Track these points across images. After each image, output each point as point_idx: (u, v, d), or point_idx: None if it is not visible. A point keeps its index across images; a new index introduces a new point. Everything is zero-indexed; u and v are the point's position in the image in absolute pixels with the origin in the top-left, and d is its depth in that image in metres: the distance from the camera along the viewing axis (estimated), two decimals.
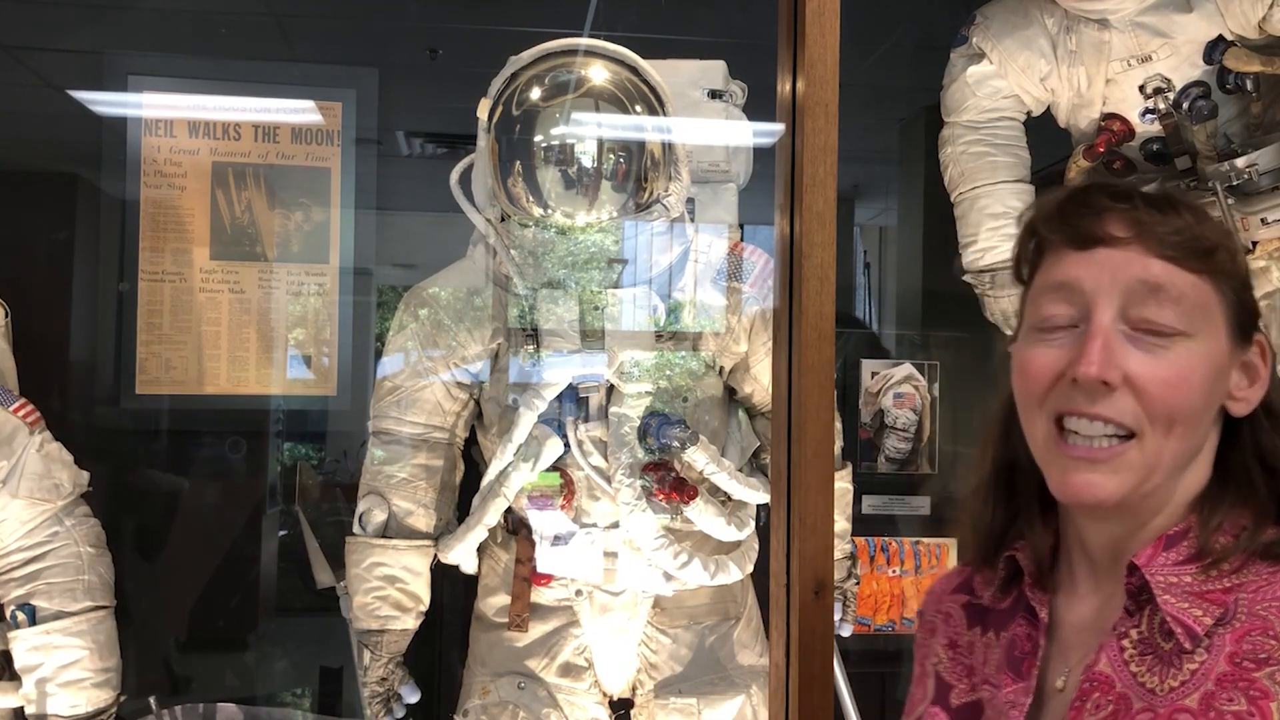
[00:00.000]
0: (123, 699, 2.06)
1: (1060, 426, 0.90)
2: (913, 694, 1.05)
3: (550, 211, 1.93)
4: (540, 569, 2.03)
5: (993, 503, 1.01)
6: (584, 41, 1.99)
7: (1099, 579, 0.95)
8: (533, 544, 2.03)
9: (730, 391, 2.14)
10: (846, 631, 2.28)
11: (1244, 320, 0.92)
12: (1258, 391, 0.93)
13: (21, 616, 1.95)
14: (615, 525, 1.99)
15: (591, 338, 1.97)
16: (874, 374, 2.84)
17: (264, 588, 2.66)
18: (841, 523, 2.21)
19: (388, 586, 2.04)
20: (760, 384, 2.10)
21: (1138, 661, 0.87)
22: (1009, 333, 2.43)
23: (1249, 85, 2.21)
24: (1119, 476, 0.88)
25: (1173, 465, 0.89)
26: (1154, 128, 2.32)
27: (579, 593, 2.02)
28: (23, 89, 2.79)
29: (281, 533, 2.68)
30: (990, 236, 2.37)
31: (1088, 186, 0.96)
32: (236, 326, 2.60)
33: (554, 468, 2.00)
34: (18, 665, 1.97)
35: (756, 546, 2.10)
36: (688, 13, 2.69)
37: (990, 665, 0.98)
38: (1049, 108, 2.44)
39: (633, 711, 2.04)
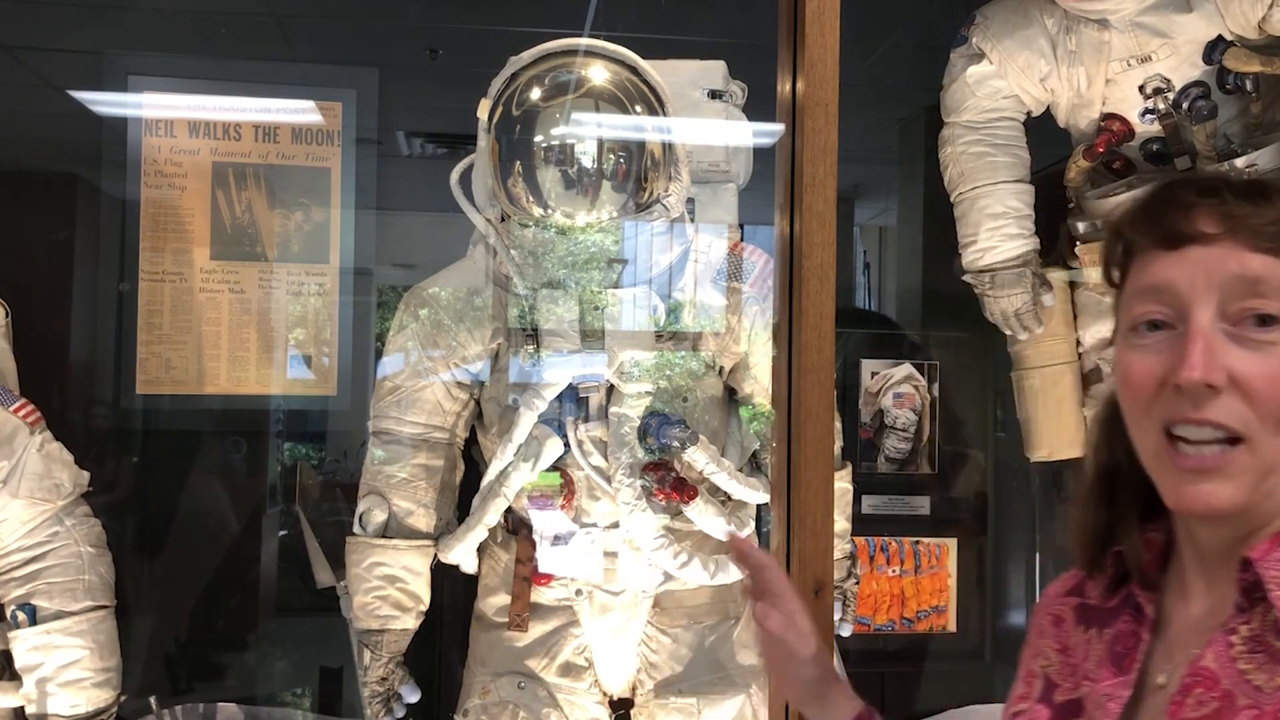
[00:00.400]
0: (123, 699, 2.06)
1: (1169, 435, 0.87)
2: (1014, 693, 1.05)
3: (550, 211, 1.93)
4: (540, 569, 2.03)
5: (1095, 507, 1.00)
6: (584, 41, 1.99)
7: (1212, 579, 0.92)
8: (533, 544, 2.03)
9: (730, 391, 2.15)
10: (846, 631, 2.28)
11: None
12: None
13: (22, 616, 1.95)
14: (615, 525, 1.99)
15: (591, 338, 1.97)
16: (874, 374, 2.84)
17: (264, 588, 2.66)
18: (841, 523, 2.21)
19: (388, 586, 2.04)
20: (760, 384, 2.10)
21: (1246, 659, 0.84)
22: (1008, 333, 2.44)
23: (1249, 85, 2.21)
24: (1233, 484, 0.85)
25: None
26: (1154, 128, 2.32)
27: (579, 592, 2.02)
28: (23, 89, 2.79)
29: (281, 533, 2.68)
30: (990, 236, 2.37)
31: (1173, 183, 0.93)
32: (237, 326, 2.60)
33: (554, 468, 2.00)
34: (18, 665, 1.97)
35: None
36: (688, 13, 2.69)
37: (1091, 661, 0.97)
38: (1049, 108, 2.44)
39: (633, 711, 2.04)
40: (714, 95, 2.17)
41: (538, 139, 1.91)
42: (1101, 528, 0.99)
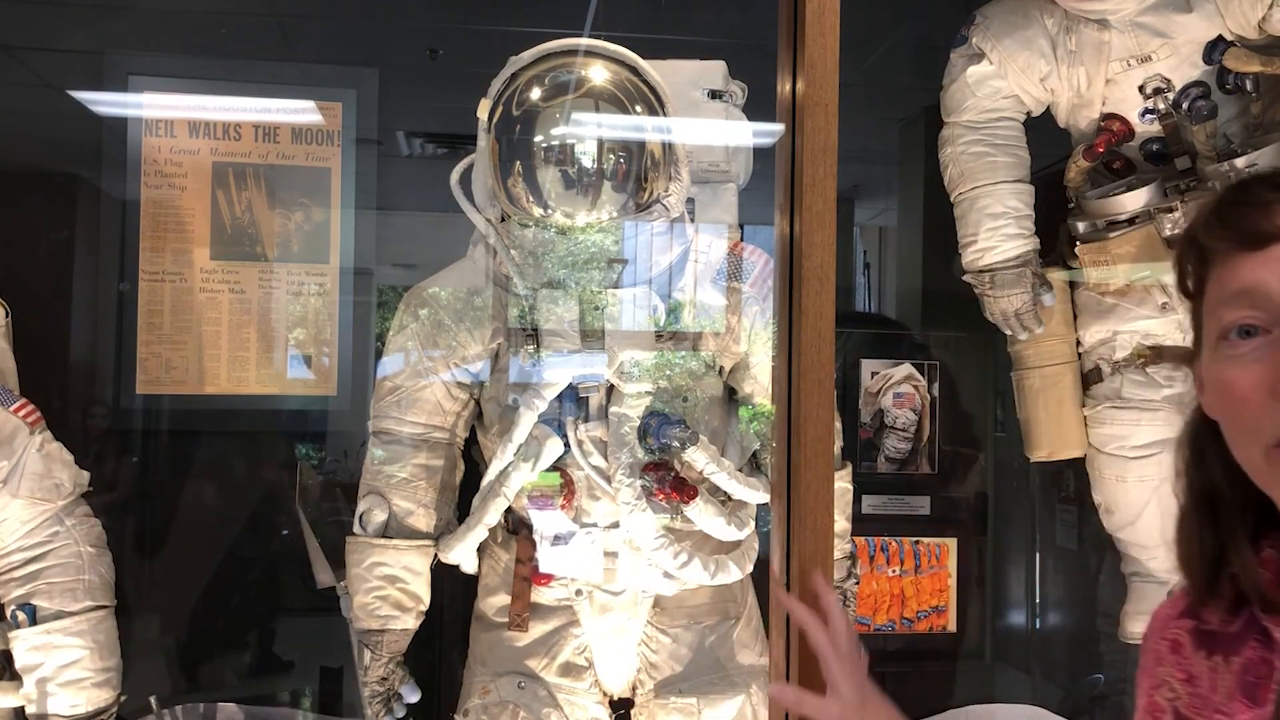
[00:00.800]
0: (123, 699, 2.06)
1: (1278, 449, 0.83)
2: None
3: (550, 211, 1.93)
4: (541, 569, 2.03)
5: (1199, 533, 0.95)
6: (584, 42, 1.99)
7: None
8: (533, 544, 2.03)
9: (730, 391, 2.15)
10: None
11: None
12: None
13: (22, 616, 1.95)
14: (615, 525, 1.99)
15: (591, 338, 1.97)
16: (874, 374, 2.84)
17: (264, 588, 2.66)
18: (841, 523, 2.21)
19: (388, 586, 2.04)
20: (760, 384, 2.10)
21: None
22: (1008, 333, 2.44)
23: (1249, 85, 2.21)
24: None
25: None
26: (1154, 128, 2.32)
27: (579, 592, 2.02)
28: (23, 89, 2.79)
29: (282, 533, 2.68)
30: (990, 236, 2.37)
31: (1244, 183, 0.90)
32: (237, 326, 2.60)
33: (554, 467, 2.00)
34: (18, 665, 1.97)
35: (756, 546, 2.10)
36: (688, 13, 2.69)
37: (1221, 693, 0.92)
38: (1049, 108, 2.44)
39: (633, 711, 2.04)
40: (714, 95, 2.17)
41: (538, 139, 1.91)
42: (1210, 552, 0.94)
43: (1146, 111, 2.30)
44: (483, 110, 1.97)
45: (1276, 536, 0.91)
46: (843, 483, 2.21)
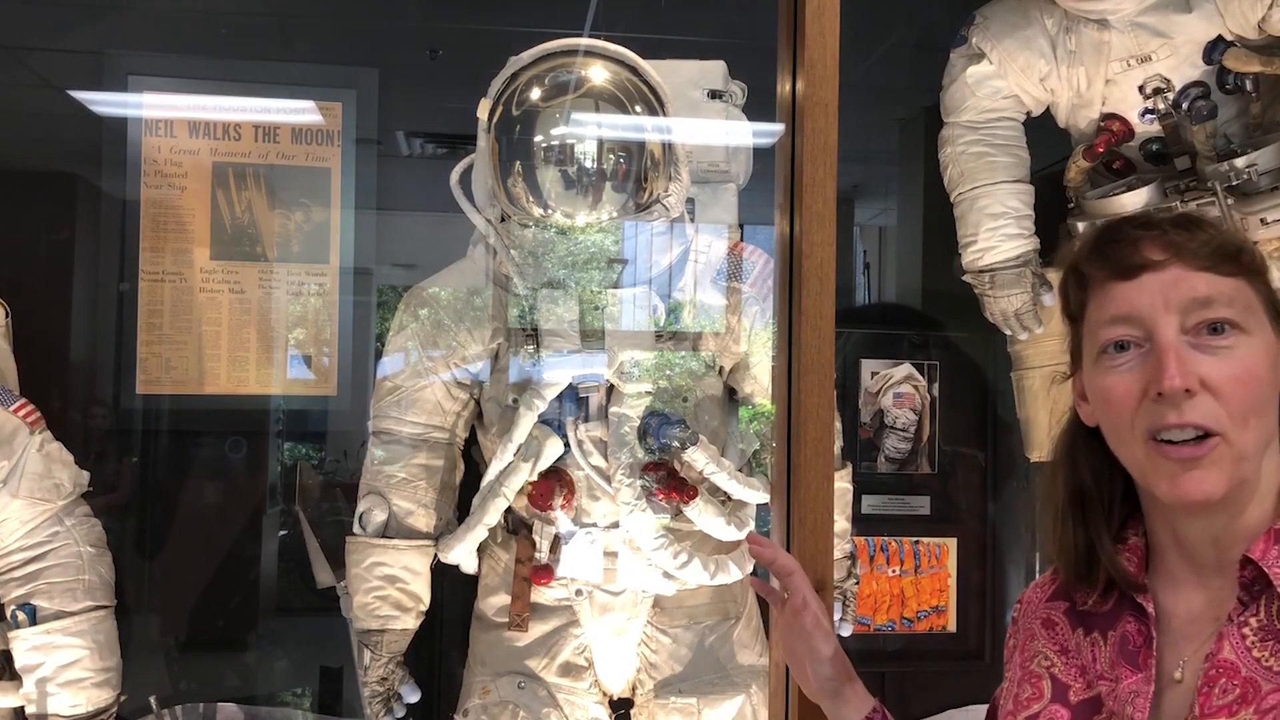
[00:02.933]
0: (123, 699, 2.06)
1: (1154, 440, 0.97)
2: (1016, 694, 1.10)
3: (550, 211, 1.93)
4: (551, 568, 2.03)
5: (1074, 528, 1.08)
6: (584, 41, 1.99)
7: (1202, 573, 1.01)
8: (533, 544, 2.03)
9: (730, 391, 2.15)
10: (846, 631, 2.28)
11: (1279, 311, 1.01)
12: None
13: (22, 616, 1.95)
14: (615, 525, 1.99)
15: (591, 338, 1.97)
16: (874, 374, 2.84)
17: (264, 588, 2.66)
18: (841, 523, 2.21)
19: (388, 586, 2.04)
20: (760, 384, 2.10)
21: (1260, 647, 0.93)
22: (1008, 333, 2.44)
23: (1248, 85, 2.21)
24: (1217, 470, 0.95)
25: (1256, 455, 0.97)
26: (1153, 128, 2.32)
27: (579, 592, 2.02)
28: (23, 89, 2.79)
29: (281, 533, 2.68)
30: (990, 236, 2.37)
31: (1115, 222, 1.06)
32: (237, 326, 2.60)
33: (554, 468, 2.00)
34: (18, 665, 1.97)
35: None
36: (688, 13, 2.69)
37: (1103, 662, 1.04)
38: (1049, 108, 2.44)
39: (633, 711, 2.04)
40: (714, 95, 2.17)
41: (538, 139, 1.92)
42: (1081, 544, 1.07)
43: (1146, 111, 2.30)
44: (483, 110, 1.98)
45: (1138, 525, 1.07)
46: (843, 483, 2.22)
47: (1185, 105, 2.25)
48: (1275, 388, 0.98)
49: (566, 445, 1.99)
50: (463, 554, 2.07)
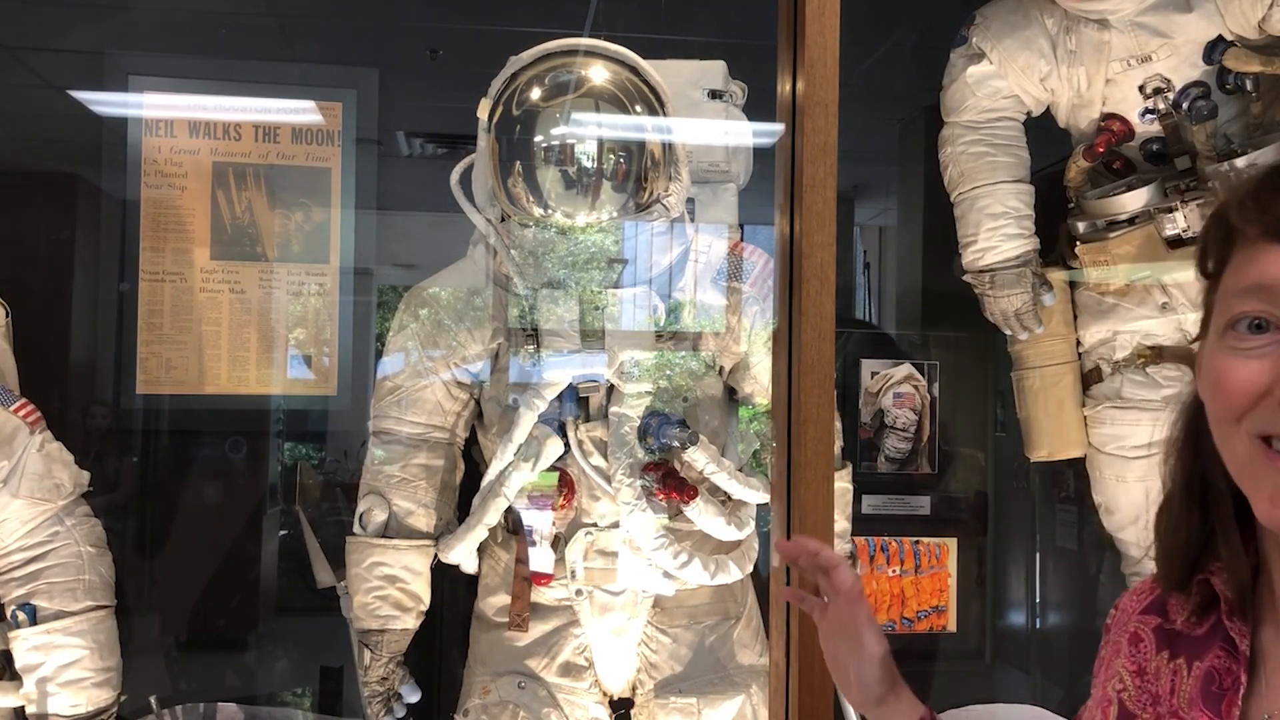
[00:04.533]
0: (123, 698, 2.06)
1: (1265, 442, 0.79)
2: (1091, 716, 0.98)
3: (550, 211, 1.93)
4: (536, 568, 2.03)
5: (1184, 520, 0.90)
6: (584, 41, 1.99)
7: None
8: (532, 544, 2.03)
9: (730, 391, 2.15)
10: None
11: None
12: None
13: (22, 616, 1.95)
14: (615, 525, 1.99)
15: (591, 338, 1.97)
16: (874, 374, 2.84)
17: (264, 588, 2.66)
18: (841, 522, 2.21)
19: (388, 586, 2.04)
20: (760, 384, 2.10)
21: None
22: (1008, 333, 2.44)
23: (1249, 85, 2.21)
24: None
25: None
26: (1154, 128, 2.32)
27: (579, 592, 2.02)
28: (23, 89, 2.79)
29: (281, 533, 2.69)
30: (990, 236, 2.37)
31: None
32: (237, 326, 2.60)
33: (554, 468, 2.00)
34: (18, 665, 1.97)
35: (756, 546, 2.10)
36: (688, 13, 2.69)
37: (1180, 697, 0.88)
38: (1049, 108, 2.44)
39: (633, 711, 2.04)
40: (714, 95, 2.17)
41: (538, 139, 1.92)
42: (1195, 539, 0.90)
43: (1146, 111, 2.30)
44: (483, 110, 1.97)
45: (1248, 540, 0.88)
46: (843, 483, 2.21)
47: (1185, 105, 2.25)
48: None
49: (566, 445, 1.99)
50: (463, 554, 2.07)
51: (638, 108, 1.95)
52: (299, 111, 2.64)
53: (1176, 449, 0.92)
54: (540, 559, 2.02)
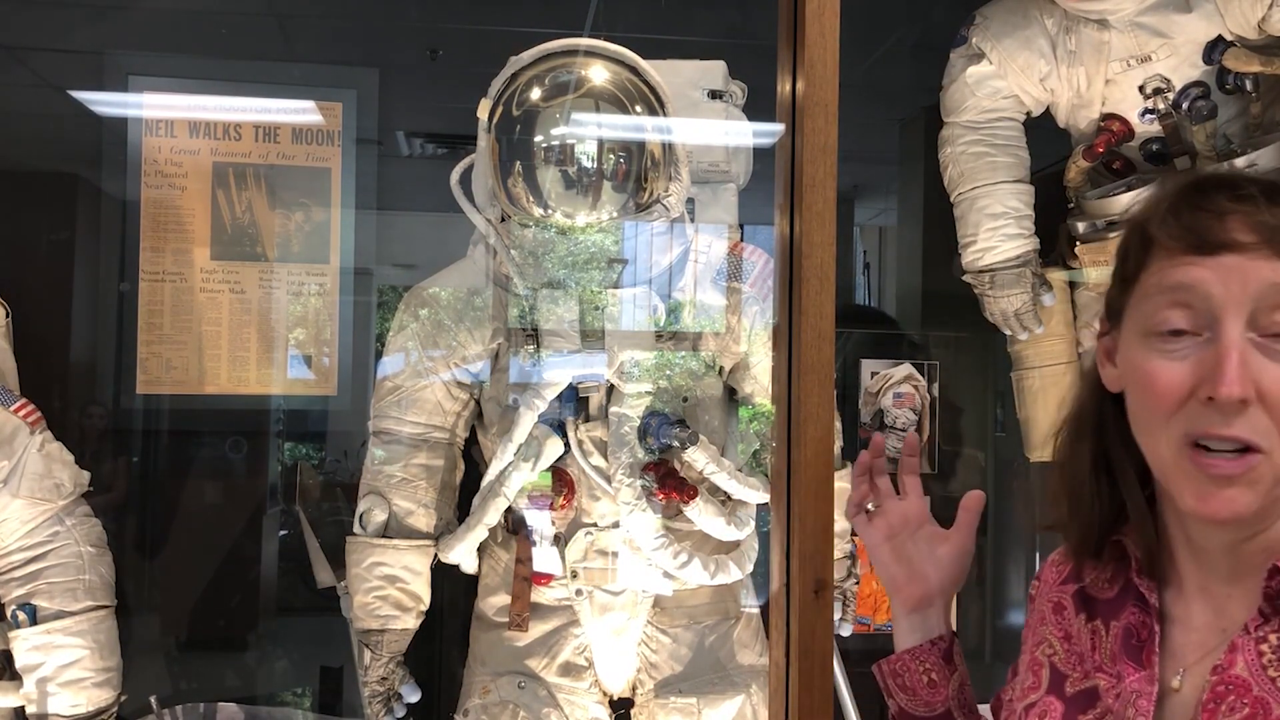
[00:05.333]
0: (123, 698, 2.06)
1: (1191, 445, 0.87)
2: (1021, 680, 1.05)
3: (550, 211, 1.93)
4: (537, 568, 2.03)
5: (1095, 496, 0.98)
6: (584, 42, 1.99)
7: (1208, 579, 0.93)
8: (533, 544, 2.03)
9: (730, 391, 2.15)
10: (846, 631, 2.28)
11: None
12: None
13: (22, 616, 1.95)
14: (615, 525, 1.99)
15: (591, 338, 1.97)
16: (874, 374, 2.84)
17: (264, 588, 2.66)
18: (841, 522, 2.21)
19: (388, 586, 2.04)
20: (760, 384, 2.10)
21: (1276, 666, 0.85)
22: (1008, 333, 2.44)
23: (1248, 85, 2.21)
24: (1253, 490, 0.85)
25: None
26: (1153, 128, 2.32)
27: (579, 592, 2.02)
28: (23, 89, 2.79)
29: (281, 533, 2.68)
30: (990, 236, 2.37)
31: (1202, 182, 0.90)
32: (237, 326, 2.60)
33: (554, 467, 2.00)
34: (18, 665, 1.97)
35: (756, 546, 2.10)
36: (688, 13, 2.70)
37: (1103, 653, 0.97)
38: (1048, 108, 2.44)
39: (633, 711, 2.04)
40: (714, 95, 2.17)
41: (538, 139, 1.92)
42: (1103, 516, 0.99)
43: (1146, 111, 2.30)
44: (483, 110, 1.98)
45: (1152, 510, 0.97)
46: (843, 483, 2.21)
47: (1185, 105, 2.25)
48: None
49: (566, 445, 1.99)
50: (463, 554, 2.07)
51: (638, 108, 1.95)
52: (299, 111, 2.64)
53: (1084, 433, 1.00)
54: (543, 559, 2.02)
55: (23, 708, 1.98)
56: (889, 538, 1.27)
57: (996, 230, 2.37)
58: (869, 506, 1.29)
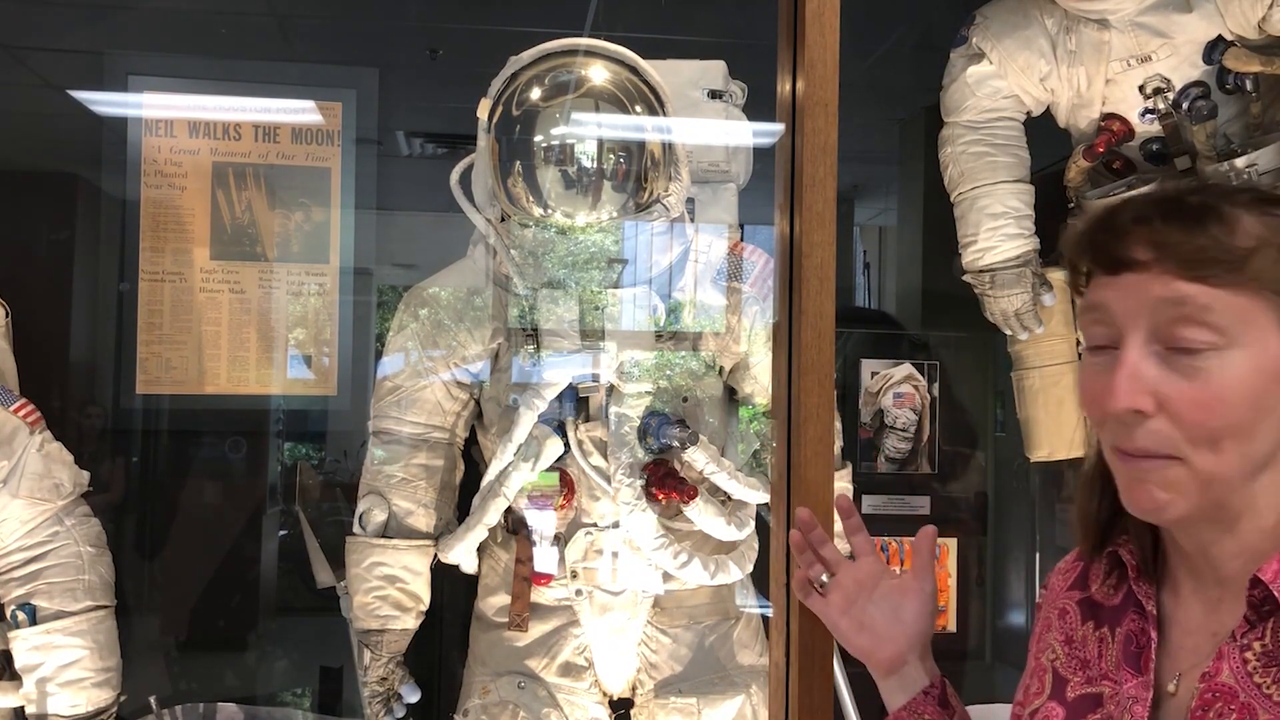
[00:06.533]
0: (123, 699, 2.06)
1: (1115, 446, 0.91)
2: (1027, 685, 1.06)
3: (550, 211, 1.93)
4: (539, 569, 2.03)
5: (1096, 495, 1.00)
6: (584, 41, 1.99)
7: (1198, 581, 0.94)
8: (533, 544, 2.03)
9: (730, 391, 2.15)
10: None
11: None
12: None
13: (22, 616, 1.95)
14: (615, 525, 1.99)
15: (591, 338, 1.97)
16: (874, 374, 2.84)
17: (264, 588, 2.66)
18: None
19: (388, 586, 2.04)
20: (760, 384, 2.10)
21: (1262, 673, 0.86)
22: (1008, 333, 2.44)
23: (1249, 85, 2.21)
24: (1173, 492, 0.87)
25: (1238, 475, 0.87)
26: (1154, 128, 2.32)
27: (579, 592, 2.02)
28: (23, 89, 2.80)
29: (281, 533, 2.68)
30: (990, 236, 2.37)
31: (1115, 207, 0.94)
32: (237, 326, 2.60)
33: (554, 467, 2.00)
34: (18, 665, 1.97)
35: (756, 546, 2.10)
36: (688, 13, 2.70)
37: (1107, 660, 0.98)
38: (1049, 108, 2.44)
39: (633, 711, 2.04)
40: (714, 95, 2.17)
41: (538, 139, 1.92)
42: (1103, 516, 1.00)
43: (1146, 111, 2.30)
44: (483, 110, 1.97)
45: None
46: (843, 483, 2.22)
47: (1185, 105, 2.25)
48: (1270, 405, 0.86)
49: (566, 445, 1.99)
50: (463, 554, 2.07)
51: (638, 108, 1.95)
52: (299, 111, 2.64)
53: (1094, 431, 1.00)
54: (545, 559, 2.02)
55: (22, 708, 1.98)
56: (846, 610, 1.22)
57: (997, 230, 2.36)
58: (823, 579, 1.25)
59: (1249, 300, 0.85)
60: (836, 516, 1.38)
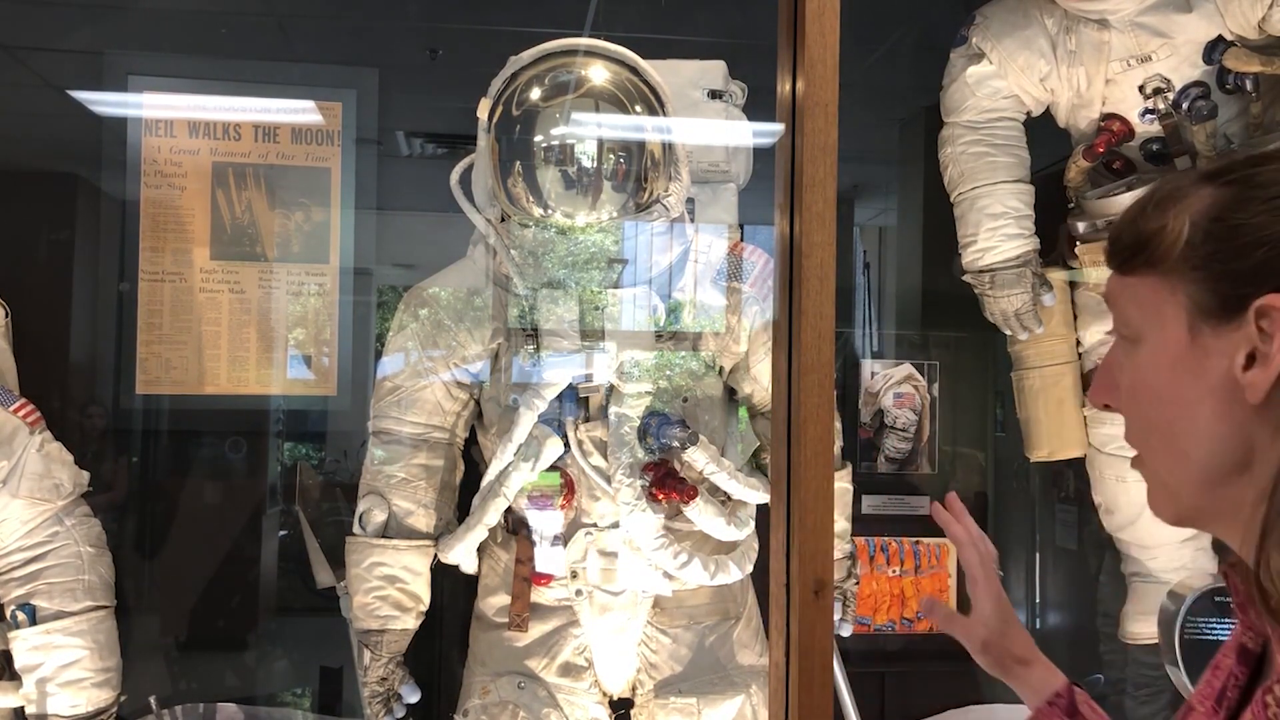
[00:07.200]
0: (123, 699, 2.06)
1: None
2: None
3: (550, 211, 1.93)
4: (539, 569, 2.03)
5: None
6: (584, 41, 1.99)
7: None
8: (533, 544, 2.03)
9: (730, 391, 2.15)
10: (846, 631, 2.28)
11: (1221, 297, 0.77)
12: (1266, 372, 0.75)
13: (22, 616, 1.95)
14: (615, 525, 1.99)
15: (591, 338, 1.97)
16: (874, 374, 2.84)
17: (264, 588, 2.66)
18: (841, 523, 2.21)
19: (388, 586, 2.04)
20: (760, 384, 2.10)
21: None
22: (1009, 333, 2.44)
23: (1249, 85, 2.21)
24: (1150, 489, 0.86)
25: (1187, 481, 0.81)
26: (1154, 128, 2.32)
27: (579, 593, 2.02)
28: (23, 89, 2.80)
29: (281, 533, 2.69)
30: (990, 236, 2.37)
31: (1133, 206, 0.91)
32: (236, 326, 2.60)
33: (554, 467, 2.00)
34: (18, 665, 1.97)
35: (756, 546, 2.10)
36: (688, 13, 2.69)
37: (1208, 696, 0.88)
38: (1049, 108, 2.44)
39: (633, 711, 2.04)
40: (714, 95, 2.17)
41: (538, 139, 1.91)
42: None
43: (1146, 111, 2.30)
44: (483, 110, 1.97)
45: None
46: (843, 483, 2.22)
47: (1185, 105, 2.25)
48: (1187, 398, 0.79)
49: (566, 445, 1.99)
50: (463, 554, 2.07)
51: (638, 108, 1.95)
52: (299, 111, 2.64)
53: None
54: (546, 559, 2.02)
55: (22, 708, 1.98)
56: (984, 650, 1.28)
57: (996, 230, 2.37)
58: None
59: (1156, 286, 0.81)
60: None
